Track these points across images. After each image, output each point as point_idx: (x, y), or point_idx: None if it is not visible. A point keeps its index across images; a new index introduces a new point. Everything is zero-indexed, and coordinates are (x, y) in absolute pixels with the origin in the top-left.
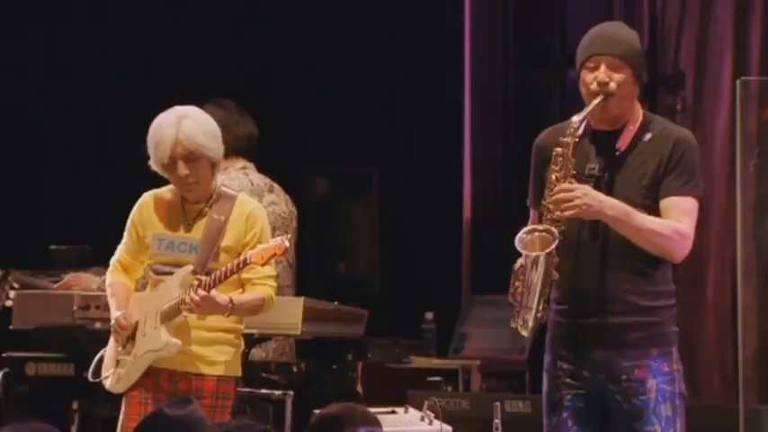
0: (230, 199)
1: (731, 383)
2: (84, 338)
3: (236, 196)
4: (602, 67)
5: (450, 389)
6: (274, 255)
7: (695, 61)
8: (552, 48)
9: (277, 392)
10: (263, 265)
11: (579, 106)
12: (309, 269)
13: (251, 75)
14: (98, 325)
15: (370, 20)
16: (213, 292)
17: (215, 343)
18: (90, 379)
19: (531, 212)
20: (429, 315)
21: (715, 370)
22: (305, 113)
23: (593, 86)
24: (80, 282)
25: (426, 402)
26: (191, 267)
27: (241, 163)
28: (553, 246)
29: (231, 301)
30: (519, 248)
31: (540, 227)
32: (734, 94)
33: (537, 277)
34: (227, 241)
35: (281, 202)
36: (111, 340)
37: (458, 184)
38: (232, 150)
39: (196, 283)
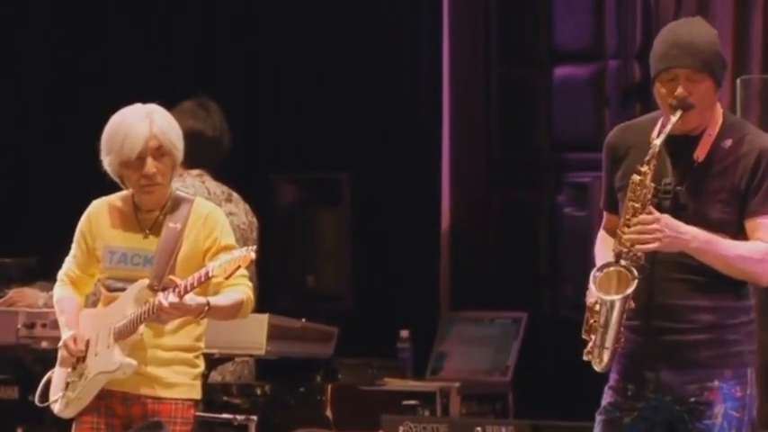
0: (186, 203)
1: None
2: (30, 359)
3: (192, 200)
4: (681, 81)
5: (427, 413)
6: (239, 267)
7: None
8: (538, 43)
9: (239, 417)
10: (227, 278)
11: (568, 106)
12: (275, 283)
13: (213, 76)
14: (45, 344)
15: (340, 16)
16: (188, 297)
17: (173, 363)
18: (37, 403)
19: (605, 215)
20: (404, 333)
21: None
22: (270, 114)
23: (671, 101)
24: (25, 298)
25: (401, 428)
26: (146, 282)
27: (197, 170)
28: (631, 289)
29: (208, 303)
30: (593, 289)
31: (617, 262)
32: (734, 94)
33: (614, 317)
34: (185, 251)
35: (239, 212)
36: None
37: (436, 191)
38: (199, 156)
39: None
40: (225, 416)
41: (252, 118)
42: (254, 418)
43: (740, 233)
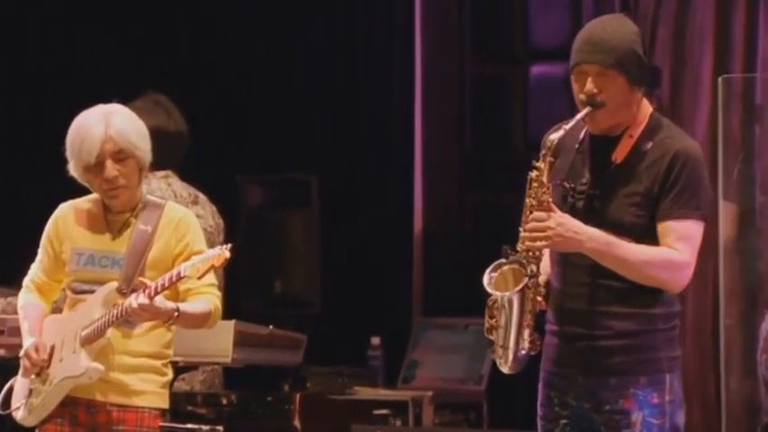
0: (158, 207)
1: (713, 416)
2: None
3: (163, 204)
4: (589, 77)
5: (399, 423)
6: (212, 267)
7: (672, 56)
8: (513, 40)
9: (205, 428)
10: (200, 278)
11: (544, 106)
12: (241, 288)
13: (177, 74)
14: (2, 352)
15: (311, 13)
16: (158, 299)
17: (140, 370)
18: None
19: None
20: (375, 340)
21: (694, 398)
22: (236, 113)
23: (582, 97)
24: None
25: None
26: (115, 284)
27: (163, 171)
28: (523, 284)
29: (177, 308)
30: (488, 290)
31: (510, 260)
32: (715, 93)
33: (513, 316)
34: (155, 254)
35: (206, 214)
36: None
37: (408, 192)
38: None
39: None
40: (190, 426)
41: (218, 117)
42: (220, 428)
43: (656, 239)
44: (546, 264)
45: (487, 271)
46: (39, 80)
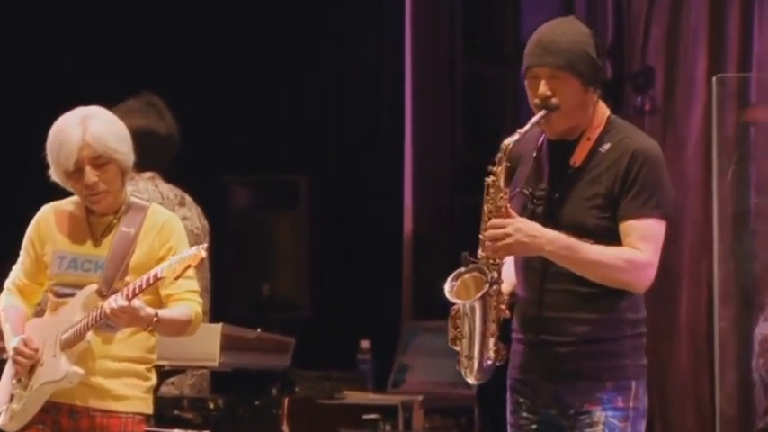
0: (141, 210)
1: (707, 419)
2: None
3: (147, 207)
4: (543, 80)
5: (388, 428)
6: (189, 266)
7: (665, 56)
8: (505, 40)
9: None
10: (177, 278)
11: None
12: (228, 291)
13: (163, 73)
14: None
15: (299, 12)
16: (136, 302)
17: (123, 375)
18: None
19: None
20: (365, 343)
21: (689, 404)
22: (224, 113)
23: (536, 101)
24: None
25: None
26: (95, 287)
27: (149, 172)
28: (484, 290)
29: (157, 314)
30: (450, 298)
31: (470, 268)
32: (709, 93)
33: (476, 325)
34: (137, 257)
35: (193, 216)
36: (5, 372)
37: (398, 194)
38: (152, 157)
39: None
40: (176, 431)
41: (205, 117)
42: None
43: (620, 240)
44: (510, 272)
45: (448, 280)
46: (27, 81)
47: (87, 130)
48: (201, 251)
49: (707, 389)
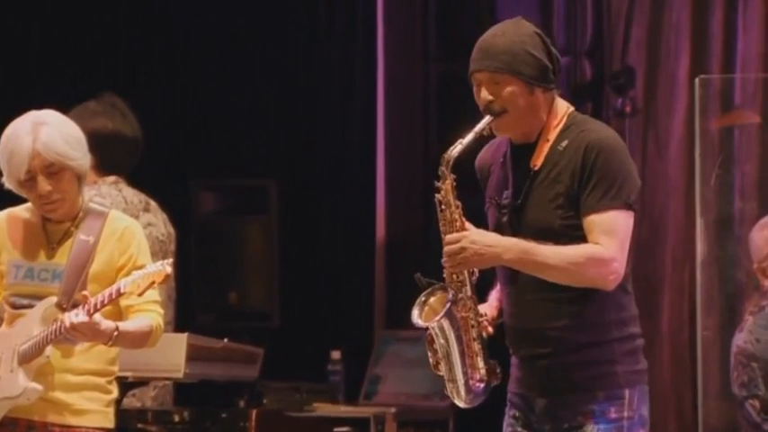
0: (100, 216)
1: (690, 430)
2: None
3: (106, 213)
4: (485, 85)
5: None
6: (153, 283)
7: (646, 55)
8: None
9: None
10: (140, 294)
11: None
12: (195, 300)
13: (127, 74)
14: None
15: (268, 10)
16: (96, 316)
17: (83, 389)
18: None
19: None
20: (336, 354)
21: (671, 416)
22: (190, 115)
23: (481, 106)
24: None
25: None
26: (54, 299)
27: (112, 176)
28: (446, 309)
29: (117, 328)
30: (419, 324)
31: (432, 290)
32: (692, 95)
33: (451, 346)
34: (97, 266)
35: (158, 222)
36: None
37: (370, 199)
38: (117, 160)
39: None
40: None
41: (170, 119)
42: None
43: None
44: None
45: (415, 306)
46: None
47: (38, 138)
48: (167, 267)
49: (689, 400)
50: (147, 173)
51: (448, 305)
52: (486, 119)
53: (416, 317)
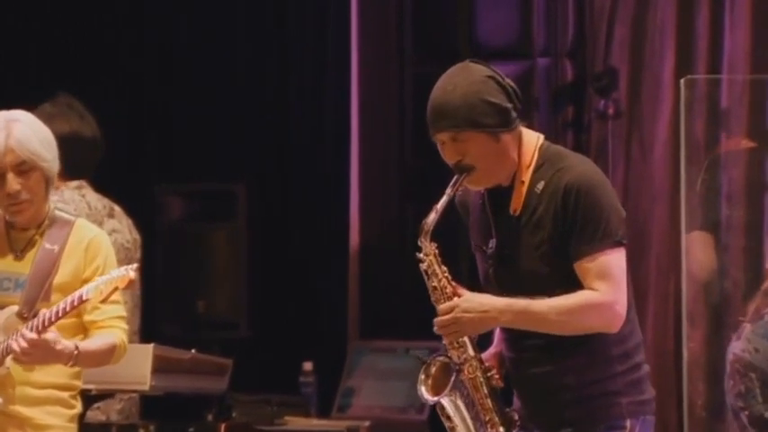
0: (66, 225)
1: None
2: None
3: (73, 222)
4: (448, 145)
5: None
6: (116, 289)
7: (630, 56)
8: (458, 38)
9: None
10: (104, 301)
11: None
12: (161, 309)
13: (89, 74)
14: None
15: (237, 11)
16: (52, 335)
17: (45, 403)
18: None
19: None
20: (308, 365)
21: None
22: (155, 118)
23: (452, 166)
24: None
25: None
26: (15, 308)
27: (76, 181)
28: (451, 383)
29: (77, 347)
30: (428, 399)
31: (432, 360)
32: (677, 96)
33: (463, 413)
34: (61, 277)
35: (123, 228)
36: None
37: (343, 204)
38: (77, 163)
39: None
40: None
41: (134, 121)
42: None
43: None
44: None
45: (419, 383)
46: None
47: (11, 134)
48: (130, 272)
49: (674, 414)
50: (111, 177)
51: (453, 377)
52: (457, 177)
53: (425, 394)
